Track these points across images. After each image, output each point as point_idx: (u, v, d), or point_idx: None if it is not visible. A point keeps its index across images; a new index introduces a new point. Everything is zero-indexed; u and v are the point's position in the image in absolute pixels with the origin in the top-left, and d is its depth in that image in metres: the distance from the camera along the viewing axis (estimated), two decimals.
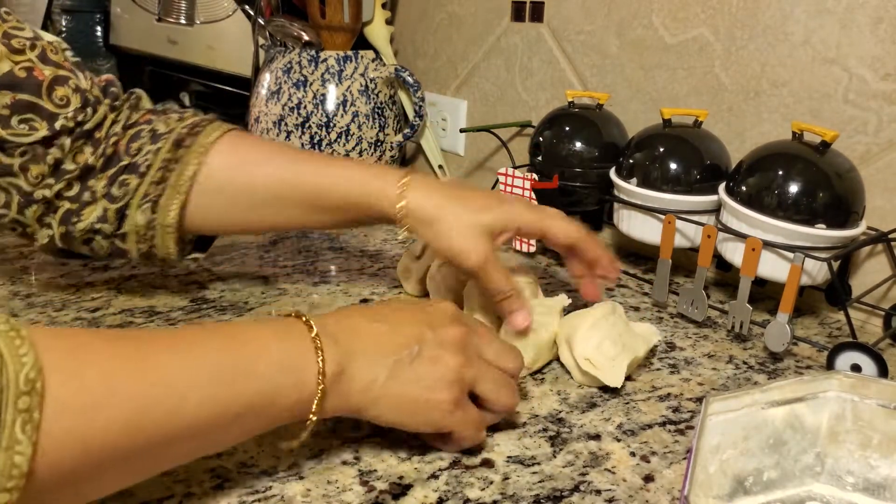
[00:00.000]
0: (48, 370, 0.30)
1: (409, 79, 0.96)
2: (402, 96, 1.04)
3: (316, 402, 0.39)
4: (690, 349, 0.61)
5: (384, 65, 1.00)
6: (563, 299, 0.60)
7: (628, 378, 0.56)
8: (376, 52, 1.02)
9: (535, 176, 0.76)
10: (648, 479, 0.44)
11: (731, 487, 0.41)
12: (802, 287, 0.65)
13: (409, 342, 0.42)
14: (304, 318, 0.41)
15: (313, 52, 0.96)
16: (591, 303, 0.61)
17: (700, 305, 0.63)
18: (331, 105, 0.95)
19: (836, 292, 0.60)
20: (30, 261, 0.75)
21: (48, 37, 0.59)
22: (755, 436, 0.41)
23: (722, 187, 0.65)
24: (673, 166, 0.67)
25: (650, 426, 0.50)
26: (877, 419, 0.42)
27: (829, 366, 0.56)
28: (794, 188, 0.58)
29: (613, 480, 0.44)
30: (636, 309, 0.68)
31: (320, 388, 0.39)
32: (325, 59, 0.96)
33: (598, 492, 0.43)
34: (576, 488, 0.43)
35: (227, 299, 0.67)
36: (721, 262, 0.69)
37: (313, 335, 0.40)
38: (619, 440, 0.48)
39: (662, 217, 0.66)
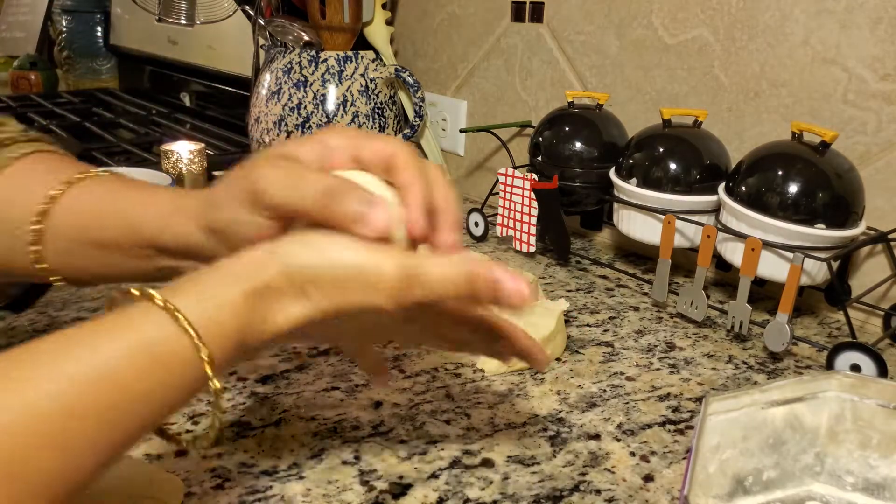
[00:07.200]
0: None
1: (409, 79, 0.96)
2: (402, 96, 1.04)
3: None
4: (690, 349, 0.61)
5: (384, 65, 1.00)
6: (563, 303, 0.60)
7: (629, 378, 0.56)
8: (376, 52, 1.02)
9: (535, 176, 0.76)
10: (648, 478, 0.44)
11: (731, 487, 0.41)
12: (802, 287, 0.65)
13: None
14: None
15: (313, 53, 0.96)
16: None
17: (700, 305, 0.63)
18: (331, 105, 0.95)
19: (836, 292, 0.60)
20: None
21: None
22: (755, 436, 0.42)
23: (721, 187, 0.65)
24: (673, 166, 0.67)
25: (650, 426, 0.50)
26: (876, 419, 0.42)
27: (829, 366, 0.56)
28: (793, 188, 0.58)
29: (613, 480, 0.44)
30: (636, 309, 0.68)
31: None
32: (326, 60, 0.96)
33: (598, 491, 0.43)
34: (575, 488, 0.43)
35: None
36: (721, 262, 0.70)
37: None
38: (618, 440, 0.48)
39: (662, 217, 0.66)
